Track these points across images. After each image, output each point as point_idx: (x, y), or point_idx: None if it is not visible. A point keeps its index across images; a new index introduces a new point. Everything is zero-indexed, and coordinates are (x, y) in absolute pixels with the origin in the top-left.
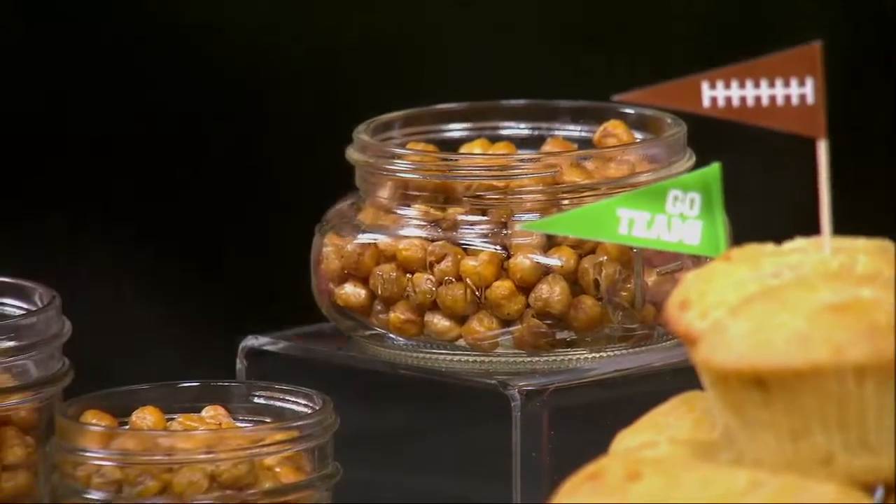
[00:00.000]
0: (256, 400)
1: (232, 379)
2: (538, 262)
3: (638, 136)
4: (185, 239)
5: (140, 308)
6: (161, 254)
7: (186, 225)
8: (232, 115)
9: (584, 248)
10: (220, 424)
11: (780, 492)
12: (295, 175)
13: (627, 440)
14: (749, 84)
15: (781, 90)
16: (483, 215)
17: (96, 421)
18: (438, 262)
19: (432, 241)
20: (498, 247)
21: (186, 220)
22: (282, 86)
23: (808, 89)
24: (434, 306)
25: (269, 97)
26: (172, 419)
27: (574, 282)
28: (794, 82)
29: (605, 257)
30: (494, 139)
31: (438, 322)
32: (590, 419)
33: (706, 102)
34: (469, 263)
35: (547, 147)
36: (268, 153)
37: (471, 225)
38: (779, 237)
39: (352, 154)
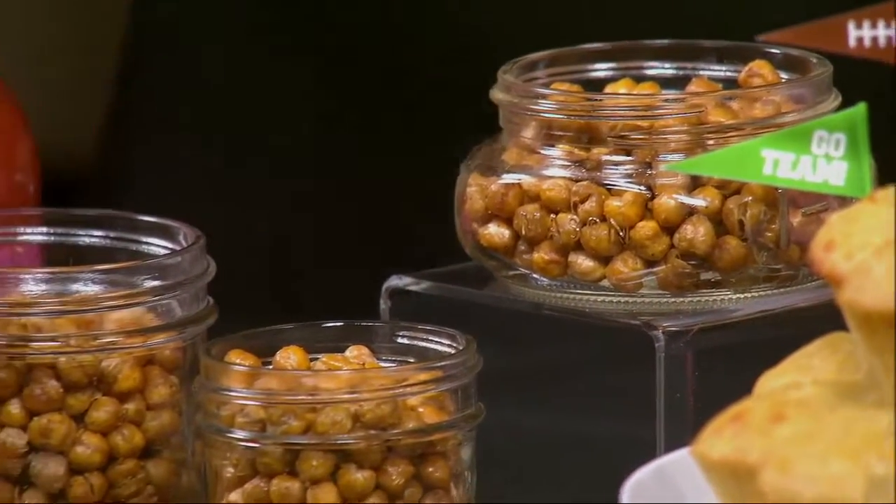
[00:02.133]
0: (400, 340)
1: (376, 319)
2: (682, 203)
3: (783, 76)
4: (328, 180)
5: (283, 248)
6: (305, 194)
7: (330, 164)
8: (379, 52)
9: (728, 189)
10: (363, 364)
11: None
12: (439, 115)
13: (771, 381)
14: None
15: None
16: (627, 155)
17: (240, 361)
18: (582, 202)
19: (576, 181)
20: (642, 187)
21: (330, 159)
22: (427, 24)
23: None
24: (578, 246)
25: (415, 36)
26: (316, 359)
27: (718, 222)
28: None
29: (750, 198)
30: (639, 79)
31: (582, 262)
32: (734, 360)
33: (852, 42)
34: (613, 204)
35: (692, 87)
36: (413, 92)
37: (615, 165)
38: None
39: (496, 94)
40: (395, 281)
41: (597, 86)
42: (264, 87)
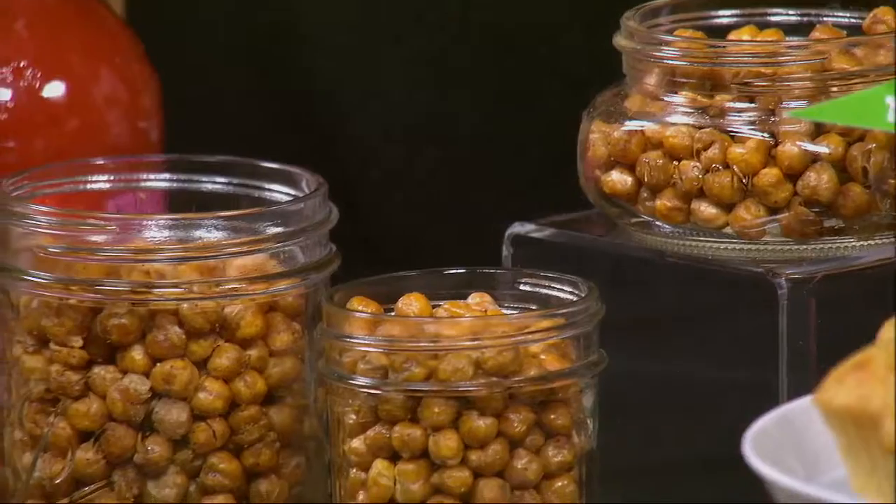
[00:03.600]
0: (522, 287)
1: (498, 266)
2: (806, 150)
3: None
4: (451, 127)
5: (406, 195)
6: (426, 142)
7: (454, 112)
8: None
9: (852, 136)
10: (485, 311)
11: None
12: (563, 62)
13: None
14: None
15: None
16: (750, 102)
17: (362, 307)
18: (705, 149)
19: (699, 128)
20: (765, 134)
21: (452, 106)
22: None
23: None
24: (701, 193)
25: None
26: (438, 306)
27: (842, 169)
28: None
29: (874, 145)
30: (763, 26)
31: (705, 209)
32: (856, 307)
33: None
34: (736, 151)
35: (815, 34)
36: (536, 40)
37: (738, 112)
38: None
39: (619, 41)
40: (518, 228)
41: (720, 32)
42: (387, 40)
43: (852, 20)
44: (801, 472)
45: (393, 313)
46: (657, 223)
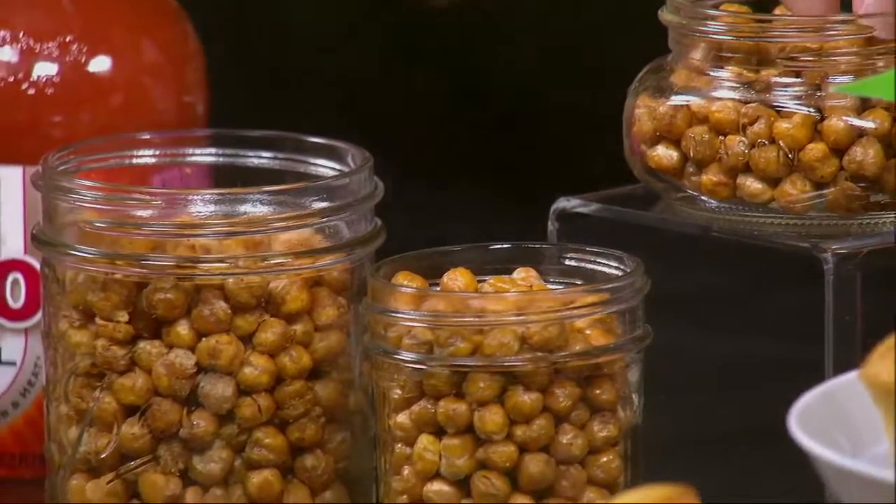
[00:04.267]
0: (567, 262)
1: (543, 241)
2: (852, 125)
3: None
4: (498, 100)
5: (452, 170)
6: (474, 115)
7: (499, 85)
8: None
9: None
10: (531, 286)
11: None
12: (607, 36)
13: None
14: None
15: None
16: (797, 77)
17: (407, 282)
18: (751, 123)
19: (745, 102)
20: (811, 109)
21: (499, 80)
22: None
23: None
24: (746, 168)
25: None
26: (483, 281)
27: (888, 144)
28: None
29: None
30: None
31: (751, 184)
32: None
33: None
34: (782, 125)
35: None
36: (582, 15)
37: (784, 87)
38: None
39: (665, 15)
40: (564, 203)
41: (766, 7)
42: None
43: None
44: (846, 447)
45: (438, 288)
46: (703, 198)
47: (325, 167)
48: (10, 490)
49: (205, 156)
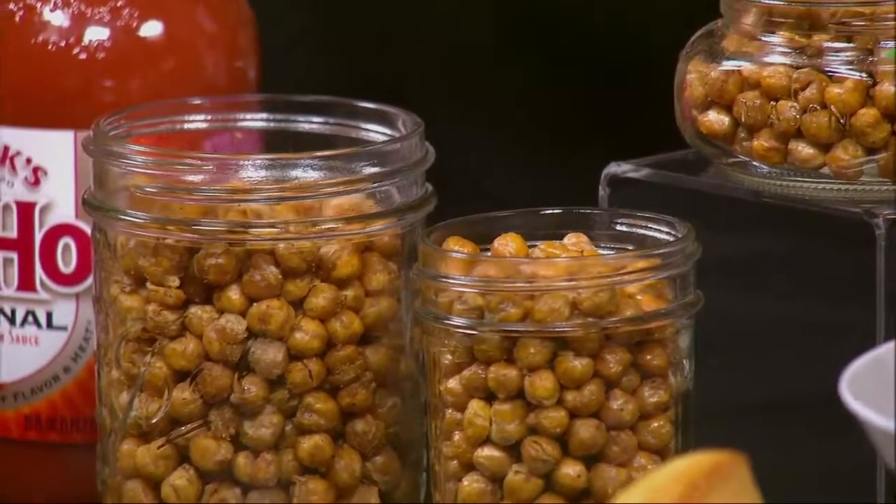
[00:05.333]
0: (619, 227)
1: (594, 206)
2: None
3: None
4: (548, 68)
5: (503, 134)
6: (527, 81)
7: (552, 51)
8: None
9: None
10: (581, 252)
11: None
12: (660, 2)
13: None
14: None
15: None
16: (848, 42)
17: (458, 247)
18: (803, 89)
19: (797, 68)
20: (863, 74)
21: (551, 45)
22: None
23: None
24: (798, 134)
25: None
26: (534, 246)
27: None
28: None
29: None
30: None
31: (802, 149)
32: None
33: None
34: (834, 91)
35: None
36: None
37: (836, 52)
38: None
39: None
40: (615, 168)
41: None
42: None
43: None
44: None
45: (489, 253)
46: (754, 163)
47: (376, 132)
48: (62, 454)
49: (256, 121)
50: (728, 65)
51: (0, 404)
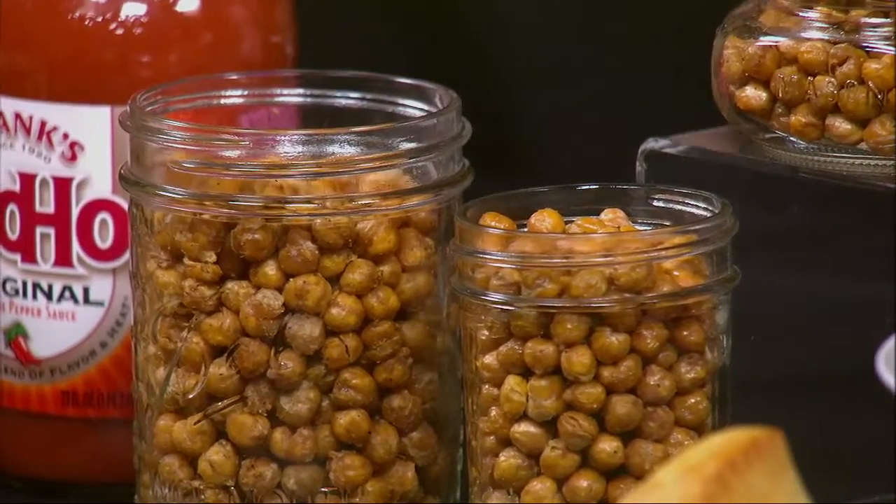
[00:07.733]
0: (655, 203)
1: (631, 182)
2: None
3: None
4: (586, 44)
5: (541, 111)
6: (563, 60)
7: (588, 27)
8: None
9: None
10: (618, 227)
11: None
12: None
13: None
14: None
15: None
16: (886, 17)
17: (495, 223)
18: (840, 64)
19: (834, 43)
20: None
21: (589, 21)
22: None
23: None
24: (835, 109)
25: None
26: (571, 221)
27: None
28: None
29: None
30: None
31: (840, 125)
32: None
33: None
34: (871, 66)
35: None
36: None
37: (874, 27)
38: None
39: None
40: (652, 144)
41: None
42: None
43: None
44: None
45: (526, 229)
46: (791, 139)
47: (412, 108)
48: (98, 430)
49: (293, 96)
50: (765, 40)
51: (37, 380)
